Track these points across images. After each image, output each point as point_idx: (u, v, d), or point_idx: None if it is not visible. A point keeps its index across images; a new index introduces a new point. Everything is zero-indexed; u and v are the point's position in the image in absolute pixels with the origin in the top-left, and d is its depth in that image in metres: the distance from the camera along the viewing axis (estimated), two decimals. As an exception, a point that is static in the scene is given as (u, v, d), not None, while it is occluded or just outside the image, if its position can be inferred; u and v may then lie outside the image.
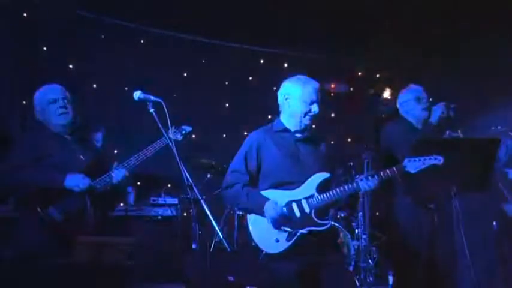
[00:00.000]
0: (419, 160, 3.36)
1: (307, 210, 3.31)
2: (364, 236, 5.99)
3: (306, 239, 3.27)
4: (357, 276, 5.87)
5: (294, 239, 3.27)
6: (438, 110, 4.34)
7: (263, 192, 3.38)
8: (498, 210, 4.62)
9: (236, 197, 3.42)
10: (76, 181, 3.45)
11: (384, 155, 4.43)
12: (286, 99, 3.49)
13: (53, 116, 3.63)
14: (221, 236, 3.03)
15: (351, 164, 6.44)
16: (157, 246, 5.43)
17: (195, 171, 5.71)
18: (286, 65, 7.38)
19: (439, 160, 3.35)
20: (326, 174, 3.38)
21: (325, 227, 3.30)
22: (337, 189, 3.33)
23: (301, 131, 3.49)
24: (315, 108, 3.40)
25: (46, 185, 3.41)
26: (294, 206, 3.32)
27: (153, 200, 5.56)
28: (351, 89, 7.57)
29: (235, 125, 6.88)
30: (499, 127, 4.59)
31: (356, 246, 5.94)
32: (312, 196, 3.33)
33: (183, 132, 3.92)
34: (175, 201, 5.60)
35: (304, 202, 3.32)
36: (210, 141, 6.62)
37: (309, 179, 3.36)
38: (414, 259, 4.17)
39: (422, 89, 4.47)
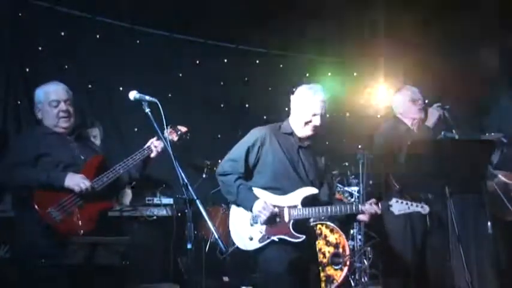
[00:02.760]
0: (406, 204, 3.39)
1: (286, 219, 3.36)
2: (359, 237, 6.01)
3: (278, 244, 3.34)
4: (352, 276, 5.89)
5: (265, 242, 3.35)
6: (435, 114, 4.36)
7: (254, 190, 3.43)
8: (492, 211, 4.63)
9: (228, 186, 3.48)
10: (76, 181, 3.42)
11: (378, 155, 4.44)
12: (294, 104, 3.55)
13: (54, 118, 3.60)
14: (216, 236, 3.03)
15: (346, 164, 6.47)
16: (152, 246, 5.43)
17: (190, 171, 5.73)
18: (281, 65, 7.39)
19: (424, 209, 3.40)
20: (314, 190, 3.43)
21: (298, 240, 3.34)
22: (321, 209, 3.38)
23: (305, 139, 3.52)
24: (316, 120, 3.43)
25: (46, 184, 3.38)
26: (276, 211, 3.36)
27: (148, 200, 5.56)
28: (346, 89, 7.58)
29: (230, 126, 6.88)
30: (492, 134, 4.60)
31: (351, 247, 5.96)
32: (295, 207, 3.37)
33: (179, 132, 3.91)
34: (171, 201, 5.60)
35: (286, 210, 3.36)
36: (205, 142, 6.61)
37: (297, 190, 3.40)
38: (405, 262, 4.19)
39: (418, 90, 4.48)
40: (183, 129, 3.94)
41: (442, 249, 4.21)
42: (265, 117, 7.11)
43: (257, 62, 7.33)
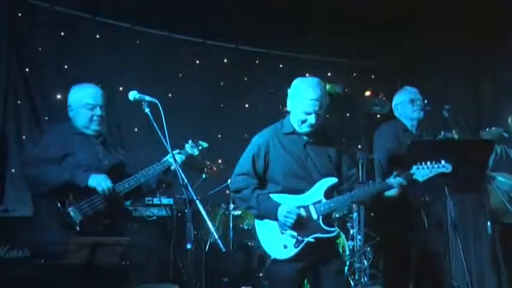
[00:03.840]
0: (427, 168, 3.33)
1: (314, 216, 3.27)
2: (359, 237, 6.01)
3: (311, 245, 3.25)
4: (352, 277, 5.89)
5: (302, 245, 3.24)
6: None
7: (272, 196, 3.33)
8: (492, 211, 4.63)
9: (247, 201, 3.37)
10: (99, 181, 3.44)
11: (377, 155, 4.43)
12: (289, 101, 3.43)
13: (87, 121, 3.63)
14: (216, 236, 3.03)
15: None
16: (152, 246, 5.43)
17: (189, 171, 5.72)
18: (281, 65, 7.39)
19: (446, 168, 3.31)
20: (333, 180, 3.33)
21: (332, 234, 3.28)
22: (346, 196, 3.31)
23: (309, 135, 3.40)
24: (311, 119, 3.31)
25: (69, 183, 3.39)
26: (302, 211, 3.27)
27: (148, 200, 5.56)
28: (346, 89, 7.58)
29: (230, 126, 6.88)
30: (493, 128, 4.60)
31: (351, 247, 5.96)
32: (319, 202, 3.29)
33: (200, 148, 3.93)
34: (171, 201, 5.60)
35: (311, 208, 3.28)
36: (205, 142, 6.60)
37: (317, 184, 3.31)
38: (405, 262, 4.19)
39: (417, 91, 4.48)
40: (205, 144, 3.99)
41: (441, 249, 4.21)
42: (265, 117, 7.12)
43: (257, 62, 7.33)
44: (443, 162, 3.34)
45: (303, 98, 3.31)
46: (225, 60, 7.09)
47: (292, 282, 3.29)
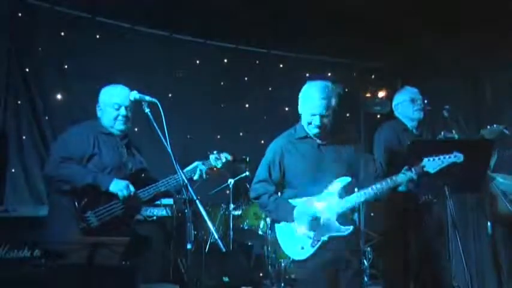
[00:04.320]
0: (439, 159, 3.33)
1: (329, 216, 3.35)
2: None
3: (329, 244, 3.34)
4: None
5: (318, 245, 3.34)
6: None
7: (290, 200, 3.45)
8: (492, 211, 4.63)
9: (266, 206, 3.53)
10: (121, 187, 3.44)
11: (377, 155, 4.43)
12: (299, 104, 3.54)
13: (112, 120, 3.65)
14: (216, 236, 3.03)
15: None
16: (152, 246, 5.42)
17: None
18: (281, 65, 7.39)
19: (458, 158, 3.31)
20: (347, 179, 3.41)
21: (347, 232, 3.35)
22: (359, 194, 3.36)
23: (322, 137, 3.49)
24: (315, 120, 3.41)
25: (91, 185, 3.39)
26: (317, 212, 3.36)
27: (148, 200, 5.55)
28: (346, 90, 7.58)
29: (230, 126, 6.88)
30: (494, 125, 4.60)
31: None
32: (333, 202, 3.37)
33: (223, 160, 3.92)
34: (171, 201, 5.59)
35: (326, 208, 3.36)
36: (205, 142, 6.61)
37: (331, 185, 3.39)
38: (405, 262, 4.19)
39: (417, 90, 4.48)
40: (228, 157, 3.96)
41: (441, 249, 4.21)
42: (265, 117, 7.13)
43: (257, 62, 7.33)
44: (454, 152, 3.34)
45: (308, 100, 3.44)
46: (225, 60, 7.09)
47: (314, 282, 3.36)
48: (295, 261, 3.42)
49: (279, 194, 3.60)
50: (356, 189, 3.46)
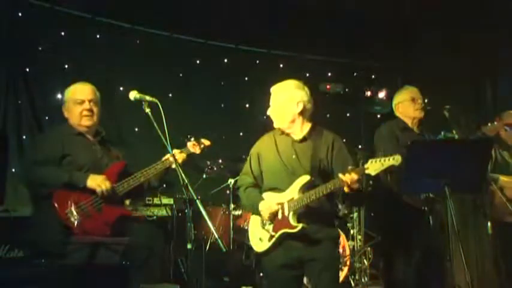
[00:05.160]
0: (380, 161, 3.24)
1: (286, 212, 3.38)
2: (359, 237, 6.01)
3: (289, 239, 3.36)
4: (352, 277, 5.89)
5: (273, 240, 3.40)
6: None
7: (263, 194, 3.53)
8: (491, 211, 4.63)
9: (241, 198, 3.70)
10: (98, 182, 3.45)
11: (377, 155, 4.43)
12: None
13: (77, 116, 3.65)
14: (216, 236, 3.03)
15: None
16: (152, 246, 5.43)
17: (190, 171, 5.72)
18: (281, 65, 7.39)
19: (396, 160, 3.24)
20: (306, 178, 3.39)
21: (295, 230, 3.32)
22: (308, 193, 3.32)
23: (295, 133, 3.55)
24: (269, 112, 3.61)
25: (67, 184, 3.41)
26: (277, 207, 3.41)
27: (148, 200, 5.56)
28: (346, 89, 7.59)
29: (230, 126, 6.88)
30: (495, 123, 4.60)
31: (351, 247, 5.96)
32: (292, 199, 3.38)
33: (202, 146, 3.96)
34: (171, 201, 5.60)
35: (285, 204, 3.39)
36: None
37: (294, 182, 3.41)
38: (406, 262, 4.19)
39: (418, 90, 4.48)
40: (207, 143, 3.98)
41: (442, 249, 4.21)
42: (265, 117, 7.12)
43: (257, 62, 7.33)
44: (394, 155, 3.25)
45: (290, 98, 3.60)
46: (225, 60, 7.09)
47: (275, 276, 3.46)
48: (258, 253, 3.54)
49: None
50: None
